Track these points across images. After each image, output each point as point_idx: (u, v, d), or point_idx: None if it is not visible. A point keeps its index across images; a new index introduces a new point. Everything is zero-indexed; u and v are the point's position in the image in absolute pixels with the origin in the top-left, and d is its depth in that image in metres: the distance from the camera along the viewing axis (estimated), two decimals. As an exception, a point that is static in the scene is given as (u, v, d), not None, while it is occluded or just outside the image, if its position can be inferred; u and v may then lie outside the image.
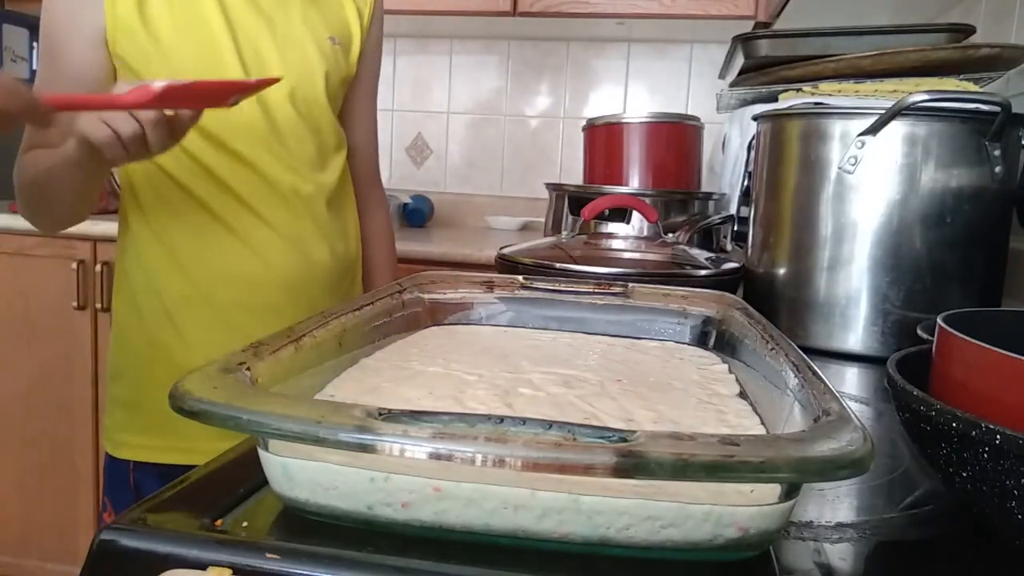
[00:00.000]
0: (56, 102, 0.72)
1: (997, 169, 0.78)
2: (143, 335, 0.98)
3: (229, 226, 0.96)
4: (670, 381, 0.53)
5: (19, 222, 1.81)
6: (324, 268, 1.02)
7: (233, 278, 0.96)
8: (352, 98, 1.11)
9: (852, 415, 0.34)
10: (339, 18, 1.06)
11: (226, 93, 0.79)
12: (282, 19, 0.98)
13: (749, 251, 0.98)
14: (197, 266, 0.96)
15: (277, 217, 0.97)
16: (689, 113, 1.85)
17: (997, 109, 0.75)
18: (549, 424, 0.32)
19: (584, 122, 1.83)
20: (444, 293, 0.69)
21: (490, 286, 0.70)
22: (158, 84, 0.71)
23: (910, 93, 0.77)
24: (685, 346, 0.65)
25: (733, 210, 1.34)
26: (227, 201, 0.95)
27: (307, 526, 0.35)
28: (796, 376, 0.43)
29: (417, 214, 2.32)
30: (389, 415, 0.31)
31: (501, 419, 0.32)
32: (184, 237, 0.96)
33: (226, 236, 0.96)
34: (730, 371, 0.57)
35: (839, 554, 0.39)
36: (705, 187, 1.83)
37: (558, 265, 0.94)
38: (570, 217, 1.52)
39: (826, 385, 0.39)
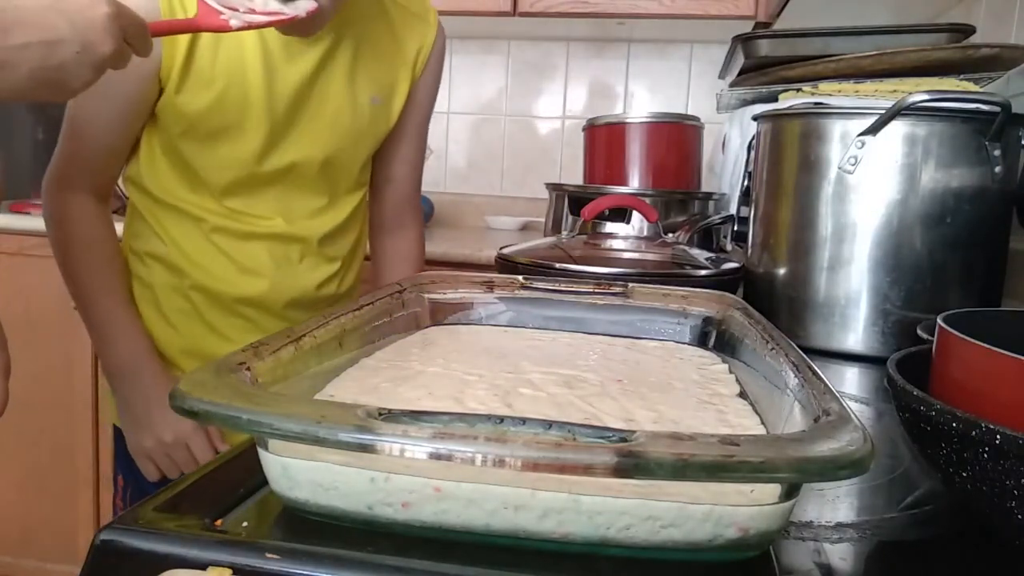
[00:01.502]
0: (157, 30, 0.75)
1: (997, 169, 0.78)
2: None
3: (219, 247, 0.97)
4: (670, 381, 0.53)
5: (19, 222, 1.81)
6: (308, 296, 1.03)
7: (217, 284, 0.98)
8: (395, 134, 1.08)
9: (852, 415, 0.34)
10: (392, 69, 1.03)
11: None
12: (323, 83, 0.96)
13: (749, 251, 0.98)
14: (187, 267, 0.98)
15: (269, 247, 0.99)
16: (689, 113, 1.85)
17: (997, 109, 0.75)
18: (549, 424, 0.32)
19: (584, 122, 1.83)
20: (444, 293, 0.69)
21: (490, 286, 0.70)
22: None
23: (910, 93, 0.77)
24: (685, 346, 0.65)
25: (733, 210, 1.34)
26: (223, 226, 0.97)
27: (307, 526, 0.35)
28: (796, 376, 0.43)
29: (417, 214, 2.32)
30: (389, 415, 0.31)
31: (501, 419, 0.32)
32: (178, 246, 0.98)
33: (217, 254, 0.98)
34: (730, 371, 0.57)
35: (839, 554, 0.39)
36: (705, 187, 1.83)
37: (558, 265, 0.94)
38: (570, 217, 1.52)
39: (826, 385, 0.39)
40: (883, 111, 0.78)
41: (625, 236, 1.10)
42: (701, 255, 1.06)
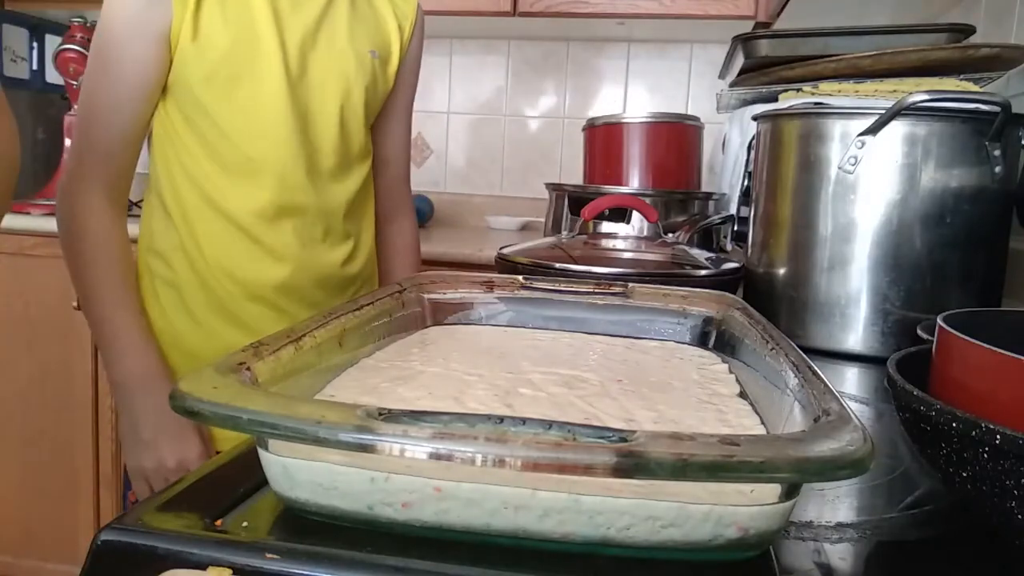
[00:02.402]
0: None
1: (997, 169, 0.78)
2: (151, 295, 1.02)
3: (239, 224, 0.97)
4: (670, 381, 0.53)
5: (19, 222, 1.81)
6: (330, 274, 1.04)
7: (237, 269, 0.98)
8: (387, 111, 1.14)
9: (852, 415, 0.34)
10: (381, 32, 1.08)
11: None
12: (328, 32, 1.01)
13: (749, 251, 0.98)
14: (204, 252, 0.98)
15: (291, 222, 0.99)
16: (689, 113, 1.85)
17: (997, 109, 0.75)
18: (549, 424, 0.32)
19: (584, 122, 1.83)
20: (444, 293, 0.69)
21: (490, 286, 0.70)
22: None
23: (910, 93, 0.77)
24: (685, 346, 0.65)
25: (733, 210, 1.34)
26: (243, 201, 0.97)
27: (307, 526, 0.35)
28: (796, 376, 0.43)
29: (417, 214, 2.31)
30: (389, 415, 0.31)
31: (501, 419, 0.32)
32: (195, 225, 0.98)
33: (237, 233, 0.98)
34: (730, 371, 0.57)
35: (839, 554, 0.39)
36: (705, 187, 1.83)
37: (558, 265, 0.94)
38: (570, 217, 1.52)
39: (826, 385, 0.39)
40: (883, 111, 0.78)
41: (625, 236, 1.10)
42: (701, 255, 1.06)
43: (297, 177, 0.98)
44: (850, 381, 0.78)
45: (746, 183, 1.26)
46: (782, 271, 0.89)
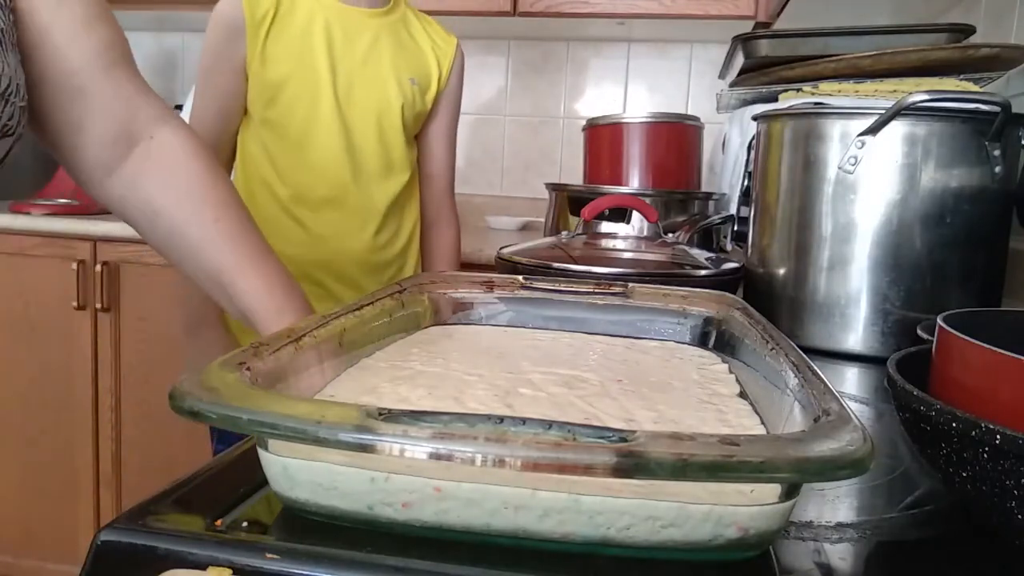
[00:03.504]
0: None
1: (997, 169, 0.78)
2: None
3: (290, 211, 1.19)
4: (670, 381, 0.53)
5: (19, 222, 1.81)
6: (368, 253, 1.24)
7: (286, 247, 1.13)
8: (429, 135, 1.36)
9: (852, 415, 0.34)
10: (421, 63, 1.29)
11: None
12: (374, 61, 1.23)
13: (749, 251, 0.98)
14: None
15: (334, 212, 1.20)
16: (689, 113, 1.85)
17: (997, 109, 0.75)
18: (549, 424, 0.32)
19: (584, 122, 1.83)
20: (444, 293, 0.69)
21: (490, 286, 0.70)
22: None
23: (910, 93, 0.77)
24: (685, 346, 0.65)
25: (733, 210, 1.34)
26: (295, 192, 1.19)
27: (307, 526, 0.35)
28: (796, 376, 0.43)
29: (417, 214, 2.32)
30: (389, 415, 0.31)
31: (501, 419, 0.32)
32: (254, 209, 1.14)
33: (288, 219, 1.19)
34: (730, 371, 0.57)
35: (839, 554, 0.39)
36: (705, 187, 1.83)
37: (558, 265, 0.94)
38: (570, 217, 1.52)
39: (826, 385, 0.39)
40: (883, 111, 0.78)
41: (625, 236, 1.10)
42: (701, 255, 1.06)
43: (342, 177, 1.20)
44: (850, 381, 0.78)
45: (746, 183, 1.26)
46: (782, 271, 0.89)
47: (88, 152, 0.73)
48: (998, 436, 0.36)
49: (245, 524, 0.35)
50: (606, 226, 1.14)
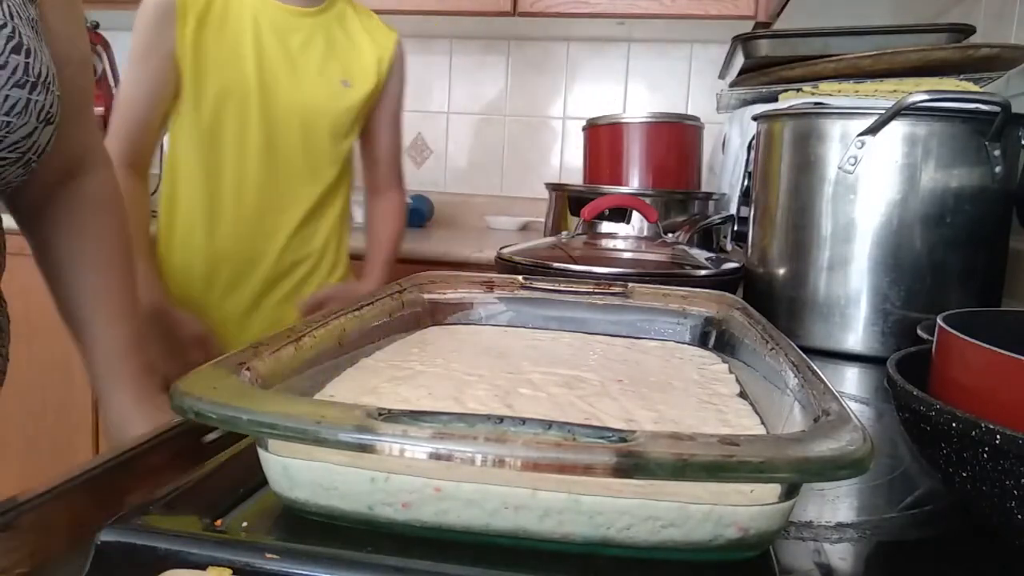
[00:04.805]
0: None
1: (997, 169, 0.78)
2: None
3: (208, 204, 1.24)
4: (670, 381, 0.53)
5: (19, 222, 1.81)
6: (282, 251, 1.28)
7: (204, 238, 1.24)
8: (374, 122, 1.38)
9: (852, 415, 0.34)
10: (355, 62, 1.30)
11: None
12: (304, 62, 1.25)
13: (749, 251, 0.98)
14: (185, 223, 1.25)
15: (256, 205, 1.25)
16: (689, 113, 1.85)
17: (997, 109, 0.75)
18: (549, 424, 0.32)
19: (584, 122, 1.83)
20: (444, 293, 0.69)
21: (490, 286, 0.70)
22: None
23: (910, 93, 0.77)
24: (685, 346, 0.65)
25: (733, 210, 1.34)
26: (218, 188, 1.24)
27: (307, 526, 0.35)
28: (796, 376, 0.43)
29: (417, 214, 2.32)
30: (389, 415, 0.31)
31: (501, 419, 0.32)
32: (184, 204, 1.25)
33: (203, 210, 1.24)
34: (730, 371, 0.57)
35: (839, 554, 0.39)
36: (705, 187, 1.83)
37: (558, 265, 0.94)
38: (570, 217, 1.52)
39: (826, 385, 0.39)
40: (883, 111, 0.78)
41: (625, 236, 1.10)
42: (701, 255, 1.06)
43: (262, 176, 1.24)
44: (850, 381, 0.78)
45: (746, 183, 1.26)
46: (782, 271, 0.89)
47: (33, 185, 0.76)
48: (998, 436, 0.36)
49: (245, 524, 0.35)
50: (606, 226, 1.14)
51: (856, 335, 0.83)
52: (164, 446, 0.49)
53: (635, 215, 1.18)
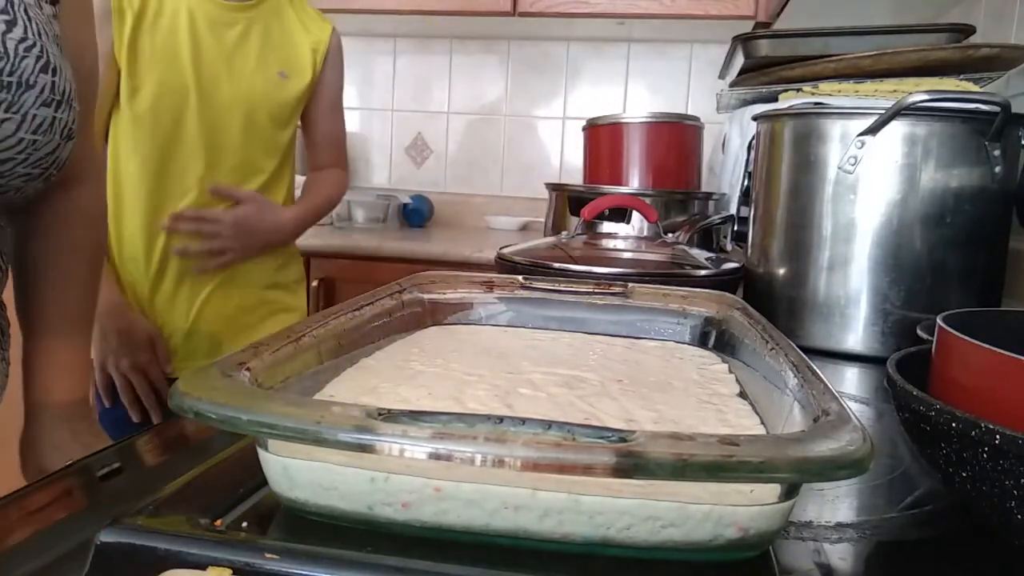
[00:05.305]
0: None
1: (997, 169, 0.78)
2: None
3: (148, 203, 1.25)
4: (670, 381, 0.53)
5: (19, 222, 1.81)
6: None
7: (147, 237, 1.25)
8: (313, 111, 1.40)
9: (852, 415, 0.34)
10: (292, 54, 1.32)
11: None
12: (241, 56, 1.26)
13: (749, 251, 0.98)
14: (130, 221, 1.26)
15: (197, 202, 1.25)
16: (689, 113, 1.85)
17: (997, 109, 0.75)
18: (548, 424, 0.32)
19: (584, 122, 1.83)
20: (444, 293, 0.69)
21: (490, 286, 0.70)
22: None
23: (910, 93, 0.77)
24: (685, 346, 0.65)
25: (733, 210, 1.34)
26: (158, 186, 1.24)
27: (307, 526, 0.35)
28: (796, 376, 0.43)
29: (417, 214, 2.32)
30: (389, 415, 0.31)
31: (500, 419, 0.32)
32: (135, 194, 1.25)
33: (144, 210, 1.25)
34: (730, 371, 0.57)
35: (839, 554, 0.39)
36: (705, 187, 1.83)
37: (558, 265, 0.94)
38: (570, 217, 1.52)
39: (826, 385, 0.39)
40: (883, 111, 0.78)
41: (625, 236, 1.10)
42: (701, 255, 1.06)
43: (201, 172, 1.24)
44: (850, 381, 0.78)
45: (746, 183, 1.26)
46: (782, 271, 0.89)
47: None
48: (998, 436, 0.36)
49: (245, 524, 0.35)
50: (606, 226, 1.14)
51: (856, 335, 0.83)
52: (54, 486, 0.46)
53: (635, 215, 1.18)
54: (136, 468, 0.49)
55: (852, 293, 0.82)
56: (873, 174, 0.80)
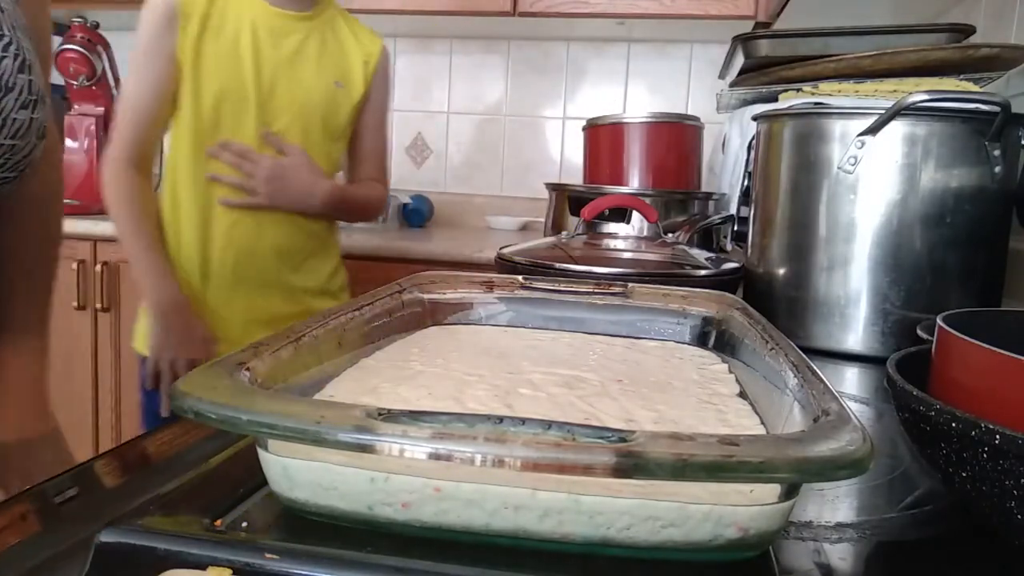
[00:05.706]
0: None
1: (997, 169, 0.78)
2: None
3: (207, 206, 1.28)
4: (670, 381, 0.53)
5: (19, 222, 1.81)
6: (285, 247, 1.32)
7: (204, 239, 1.29)
8: (360, 125, 1.42)
9: (852, 415, 0.34)
10: (346, 66, 1.36)
11: None
12: (300, 63, 1.29)
13: (749, 251, 0.98)
14: (186, 223, 1.29)
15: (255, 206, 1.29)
16: (689, 113, 1.85)
17: (997, 109, 0.75)
18: (548, 424, 0.32)
19: (584, 122, 1.83)
20: (444, 293, 0.69)
21: (490, 286, 0.70)
22: None
23: (910, 93, 0.77)
24: (685, 346, 0.65)
25: (733, 210, 1.34)
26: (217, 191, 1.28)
27: (307, 526, 0.35)
28: (796, 376, 0.43)
29: (417, 214, 2.32)
30: (389, 415, 0.31)
31: (500, 419, 0.32)
32: (192, 199, 1.29)
33: (203, 211, 1.28)
34: (730, 371, 0.57)
35: (839, 554, 0.39)
36: (705, 187, 1.83)
37: (558, 265, 0.94)
38: (570, 217, 1.52)
39: (826, 385, 0.39)
40: (883, 111, 0.78)
41: (625, 236, 1.10)
42: (701, 255, 1.06)
43: None
44: (850, 381, 0.78)
45: (746, 183, 1.26)
46: (782, 271, 0.89)
47: None
48: (998, 436, 0.36)
49: (245, 524, 0.35)
50: (606, 226, 1.14)
51: (856, 335, 0.83)
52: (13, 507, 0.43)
53: (635, 215, 1.18)
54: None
55: (852, 293, 0.82)
56: (873, 174, 0.80)
